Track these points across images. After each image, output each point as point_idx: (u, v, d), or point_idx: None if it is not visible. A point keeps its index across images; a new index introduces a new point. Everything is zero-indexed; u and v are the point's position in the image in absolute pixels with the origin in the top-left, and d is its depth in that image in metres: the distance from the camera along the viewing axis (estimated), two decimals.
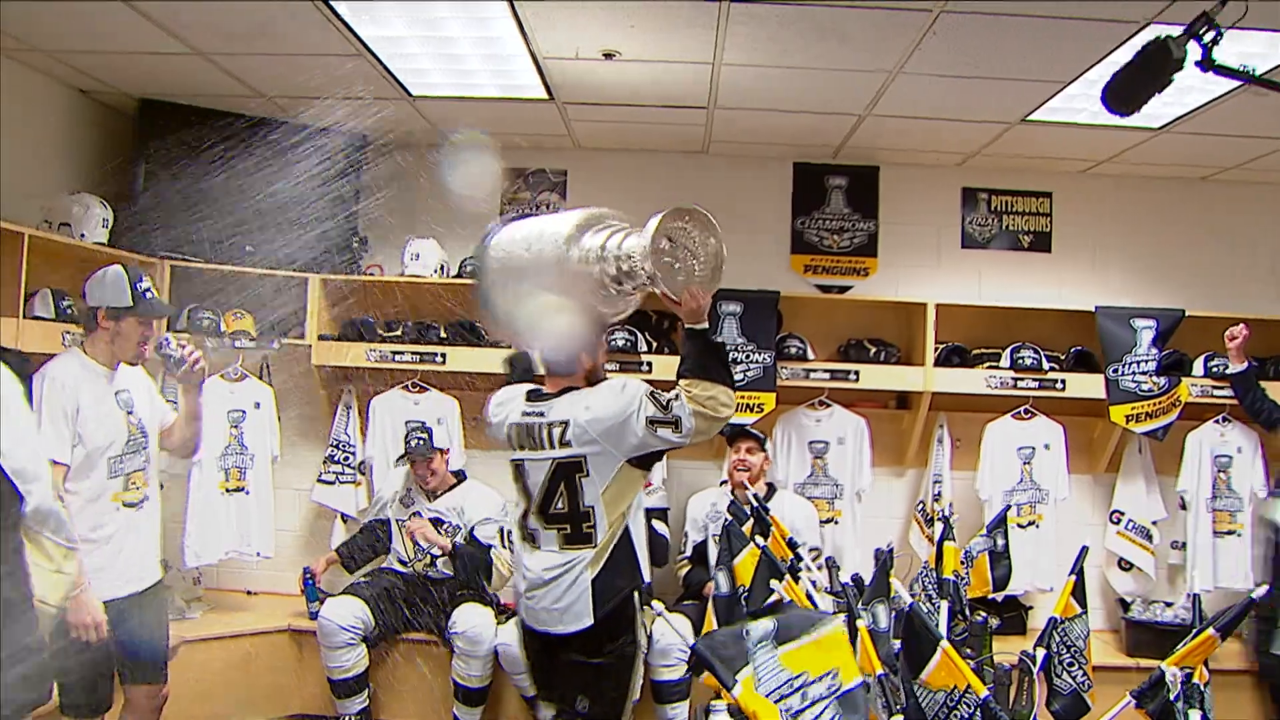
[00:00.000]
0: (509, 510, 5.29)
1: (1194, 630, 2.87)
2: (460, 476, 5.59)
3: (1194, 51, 2.04)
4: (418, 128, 5.86)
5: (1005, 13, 4.01)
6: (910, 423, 6.02)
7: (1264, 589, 2.89)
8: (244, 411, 5.65)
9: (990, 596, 4.63)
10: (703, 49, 4.54)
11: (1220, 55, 3.26)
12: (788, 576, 3.31)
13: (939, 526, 5.43)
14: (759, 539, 3.58)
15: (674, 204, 3.40)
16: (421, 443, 5.38)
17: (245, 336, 5.61)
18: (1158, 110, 5.09)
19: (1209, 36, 1.94)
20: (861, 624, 2.95)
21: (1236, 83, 4.52)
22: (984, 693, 2.64)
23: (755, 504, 4.30)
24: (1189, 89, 4.77)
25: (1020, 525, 5.78)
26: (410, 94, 5.28)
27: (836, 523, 5.85)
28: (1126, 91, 2.12)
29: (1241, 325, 5.50)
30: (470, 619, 5.20)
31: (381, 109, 5.44)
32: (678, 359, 3.34)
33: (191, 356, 3.87)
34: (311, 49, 4.69)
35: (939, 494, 5.91)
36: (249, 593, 6.06)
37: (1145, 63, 2.01)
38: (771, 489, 5.44)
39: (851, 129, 5.63)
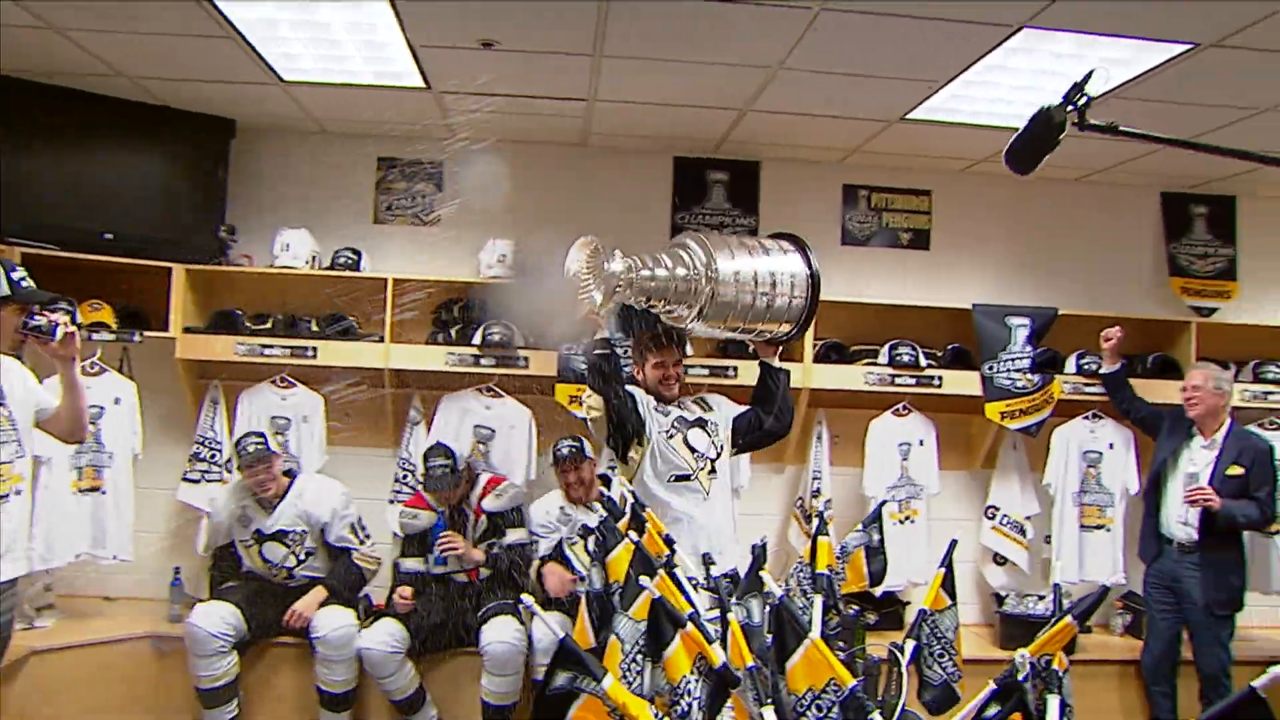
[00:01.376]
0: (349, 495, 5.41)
1: (1053, 619, 3.01)
2: (290, 474, 5.44)
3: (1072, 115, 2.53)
4: (289, 114, 5.78)
5: (884, 12, 4.13)
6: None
7: (1120, 578, 3.03)
8: (102, 408, 5.49)
9: (867, 591, 4.77)
10: (583, 41, 4.58)
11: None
12: (661, 572, 3.36)
13: (815, 522, 5.62)
14: (633, 535, 3.63)
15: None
16: (258, 448, 5.21)
17: (104, 328, 5.46)
18: (1033, 112, 5.28)
19: (1082, 102, 2.36)
20: (732, 618, 3.04)
21: (1111, 87, 4.77)
22: (852, 683, 2.73)
23: (605, 510, 4.43)
24: (1063, 92, 4.96)
25: (897, 521, 5.96)
26: (282, 79, 5.21)
27: None
28: (1024, 155, 2.57)
29: (1118, 327, 5.76)
30: (331, 622, 5.14)
31: (251, 93, 5.38)
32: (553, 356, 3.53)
33: (62, 322, 3.78)
34: (177, 28, 4.60)
35: (818, 490, 6.04)
36: (107, 599, 5.90)
37: (1035, 130, 2.43)
38: (606, 480, 5.60)
39: (733, 124, 5.73)
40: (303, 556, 5.32)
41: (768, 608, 3.34)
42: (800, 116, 5.54)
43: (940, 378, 6.01)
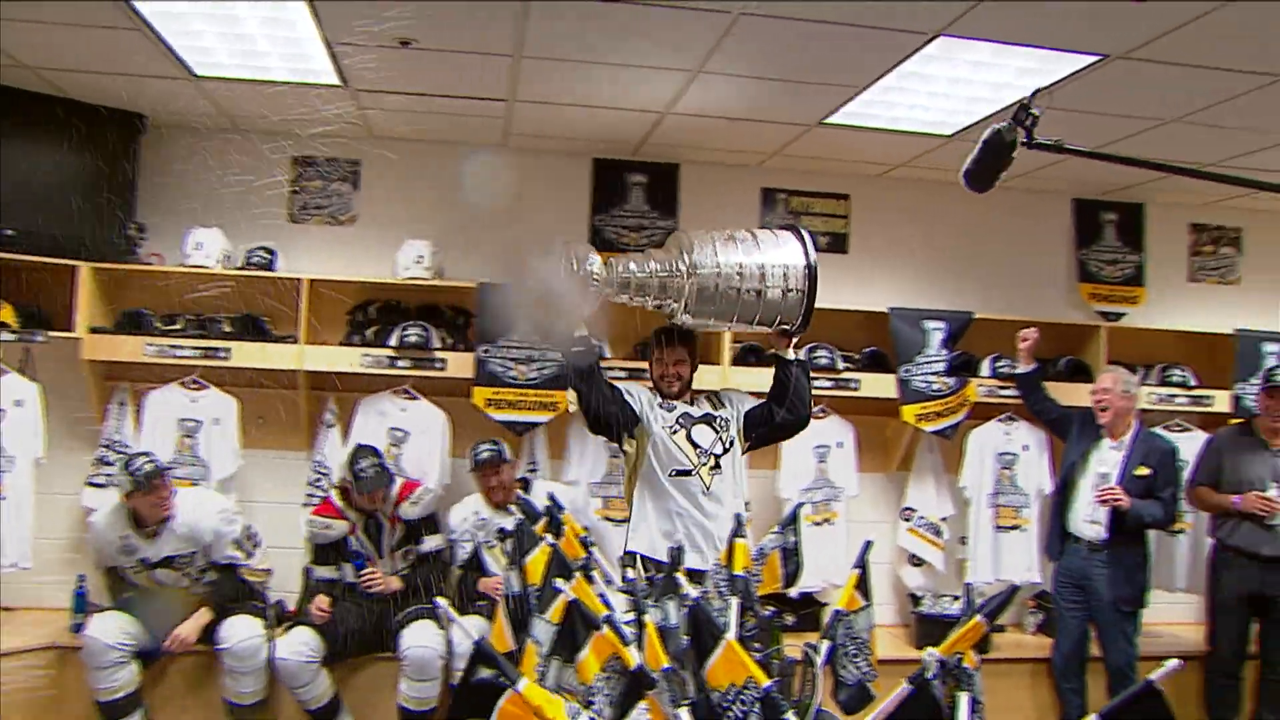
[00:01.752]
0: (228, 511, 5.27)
1: (963, 617, 3.08)
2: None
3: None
4: (201, 109, 5.68)
5: (802, 17, 4.19)
6: None
7: (1034, 578, 3.11)
8: (3, 410, 5.35)
9: (784, 593, 4.83)
10: (503, 41, 4.58)
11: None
12: (578, 575, 3.38)
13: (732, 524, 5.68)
14: (550, 538, 3.64)
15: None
16: (152, 467, 4.94)
17: (5, 329, 5.33)
18: (949, 119, 5.41)
19: (1029, 122, 2.59)
20: (648, 619, 3.06)
21: (1022, 95, 4.88)
22: (767, 683, 2.76)
23: (521, 514, 4.45)
24: (978, 99, 5.09)
25: (814, 523, 6.03)
26: (194, 74, 5.13)
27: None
28: (980, 175, 2.68)
29: (1034, 328, 5.90)
30: (238, 632, 5.03)
31: (162, 88, 5.28)
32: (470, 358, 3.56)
33: None
34: (83, 19, 4.50)
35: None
36: (6, 609, 5.73)
37: (988, 150, 2.54)
38: (527, 485, 5.62)
39: (652, 127, 5.77)
40: (196, 575, 5.18)
41: (684, 610, 3.38)
42: (719, 120, 5.59)
43: (858, 381, 6.11)
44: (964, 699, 2.75)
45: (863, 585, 3.66)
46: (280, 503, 5.82)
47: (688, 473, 4.47)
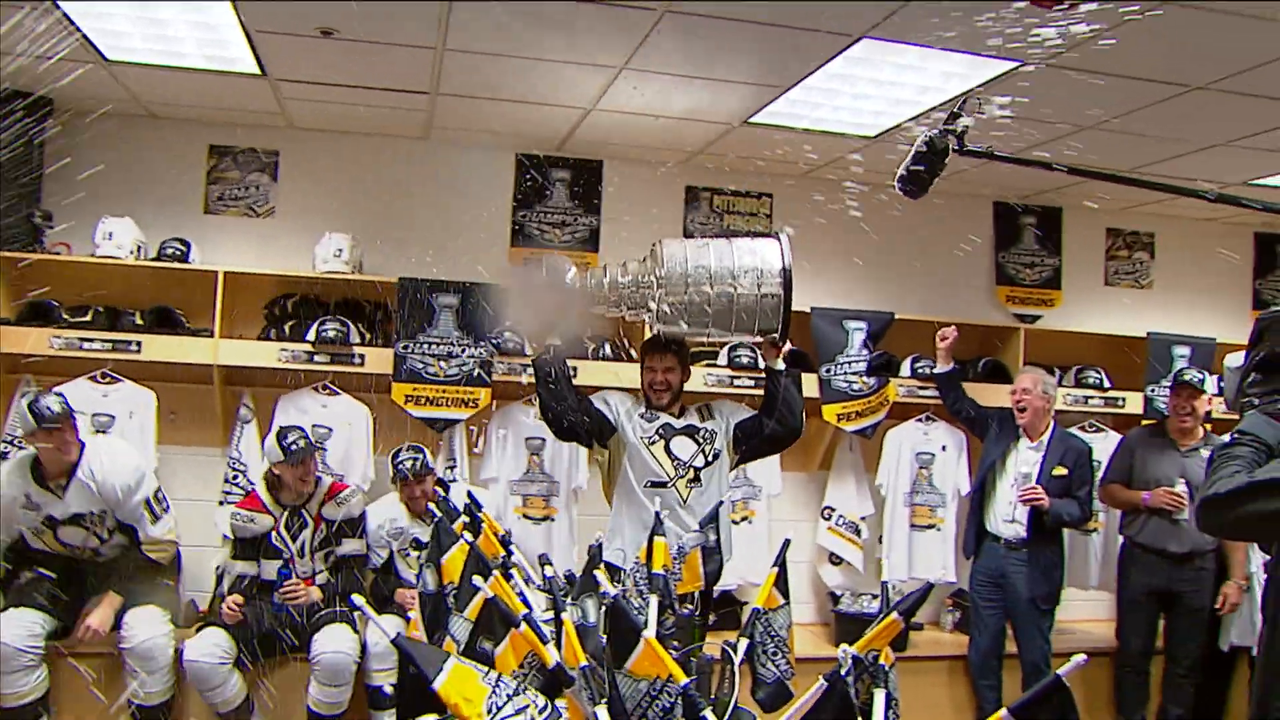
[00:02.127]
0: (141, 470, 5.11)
1: (879, 615, 3.14)
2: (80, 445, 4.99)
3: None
4: (114, 95, 5.58)
5: (727, 16, 4.22)
6: None
7: (950, 576, 3.19)
8: None
9: (705, 591, 4.86)
10: (426, 33, 4.56)
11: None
12: (495, 573, 3.38)
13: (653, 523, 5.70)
14: (468, 536, 3.64)
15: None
16: (50, 412, 4.71)
17: None
18: (873, 120, 5.49)
19: (959, 129, 2.76)
20: (566, 618, 3.07)
21: (944, 100, 4.98)
22: (684, 681, 2.79)
23: (439, 512, 4.42)
24: (902, 102, 5.17)
25: (734, 521, 6.08)
26: (106, 58, 5.03)
27: (553, 520, 5.99)
28: (915, 181, 2.78)
29: (952, 327, 6.01)
30: (140, 631, 4.91)
31: (71, 71, 5.17)
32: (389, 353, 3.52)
33: None
34: None
35: None
36: None
37: (922, 157, 2.64)
38: (446, 485, 5.57)
39: (576, 122, 5.78)
40: (105, 536, 5.02)
41: (603, 608, 3.40)
42: (643, 117, 5.61)
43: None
44: (879, 696, 2.79)
45: (781, 583, 3.71)
46: (194, 500, 5.73)
47: (663, 485, 4.44)
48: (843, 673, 2.41)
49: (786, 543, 3.77)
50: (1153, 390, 6.67)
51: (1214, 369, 6.67)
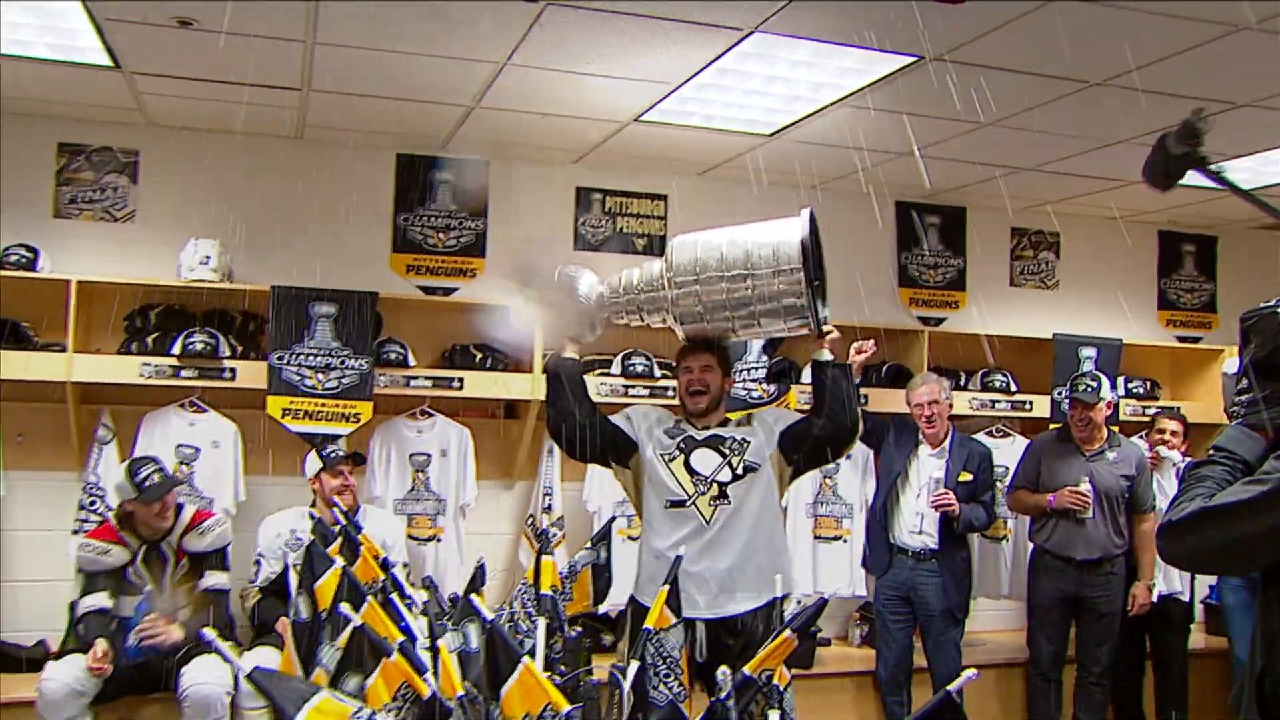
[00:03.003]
0: None
1: (774, 633, 3.14)
2: None
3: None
4: None
5: (613, 10, 4.19)
6: (519, 432, 6.18)
7: (779, 577, 3.20)
8: None
9: (602, 612, 4.83)
10: (293, 25, 4.46)
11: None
12: (370, 599, 3.33)
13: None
14: (340, 559, 3.58)
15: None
16: None
17: None
18: (768, 118, 5.51)
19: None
20: (442, 645, 3.03)
21: (840, 95, 5.01)
22: (566, 709, 2.77)
23: (344, 523, 4.31)
24: (797, 98, 5.20)
25: (631, 537, 6.06)
26: None
27: (440, 540, 5.92)
28: (1155, 174, 2.60)
29: (872, 340, 6.04)
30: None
31: None
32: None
33: None
34: None
35: (549, 506, 6.09)
36: None
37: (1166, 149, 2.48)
38: (358, 506, 5.44)
39: (459, 120, 5.71)
40: None
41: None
42: (529, 114, 5.57)
43: (673, 388, 6.14)
44: (774, 717, 2.80)
45: (673, 602, 3.70)
46: (45, 530, 5.54)
47: (682, 504, 4.15)
48: (722, 696, 2.39)
49: (678, 560, 3.76)
50: (1059, 393, 6.80)
51: (1120, 370, 6.84)
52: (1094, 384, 5.93)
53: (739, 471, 4.18)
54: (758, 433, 4.29)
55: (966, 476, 5.75)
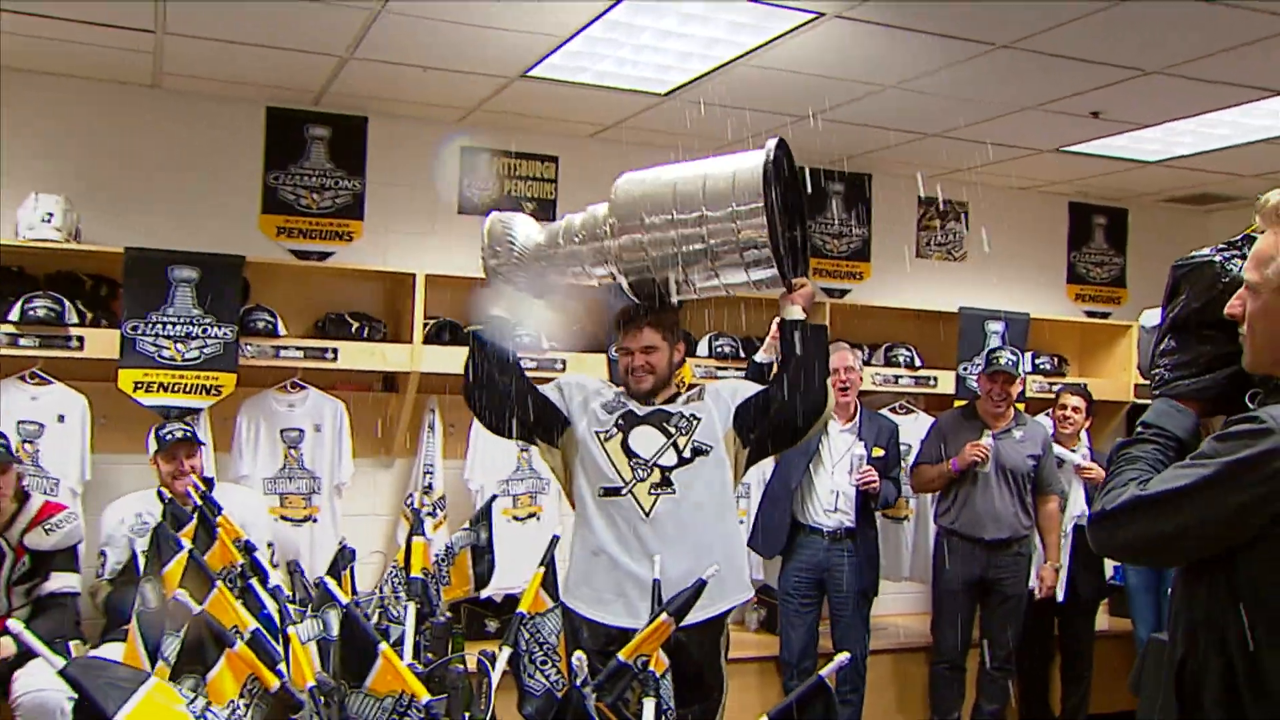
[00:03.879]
0: None
1: (650, 616, 3.09)
2: None
3: None
4: None
5: None
6: (397, 406, 6.07)
7: (714, 569, 3.14)
8: None
9: (487, 597, 4.76)
10: None
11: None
12: (219, 584, 3.22)
13: (427, 521, 5.57)
14: (188, 544, 3.47)
15: None
16: None
17: None
18: (662, 76, 5.46)
19: None
20: (293, 632, 2.94)
21: (737, 54, 4.96)
22: (426, 698, 2.70)
23: (201, 504, 4.18)
24: (690, 55, 5.14)
25: (517, 518, 6.01)
26: None
27: (315, 520, 5.81)
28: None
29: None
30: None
31: None
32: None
33: None
34: None
35: (430, 485, 6.01)
36: None
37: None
38: (210, 483, 5.29)
39: (334, 72, 5.56)
40: None
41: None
42: (410, 67, 5.44)
43: (564, 361, 6.09)
44: (650, 705, 2.75)
45: (549, 585, 3.64)
46: None
47: (616, 491, 3.74)
48: (577, 683, 2.34)
49: (554, 540, 3.71)
50: (965, 369, 6.87)
51: (1027, 345, 6.92)
52: (1013, 356, 5.99)
53: (685, 454, 3.75)
54: (710, 409, 3.85)
55: (879, 452, 5.79)
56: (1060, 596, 6.15)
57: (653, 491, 3.71)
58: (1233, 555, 1.95)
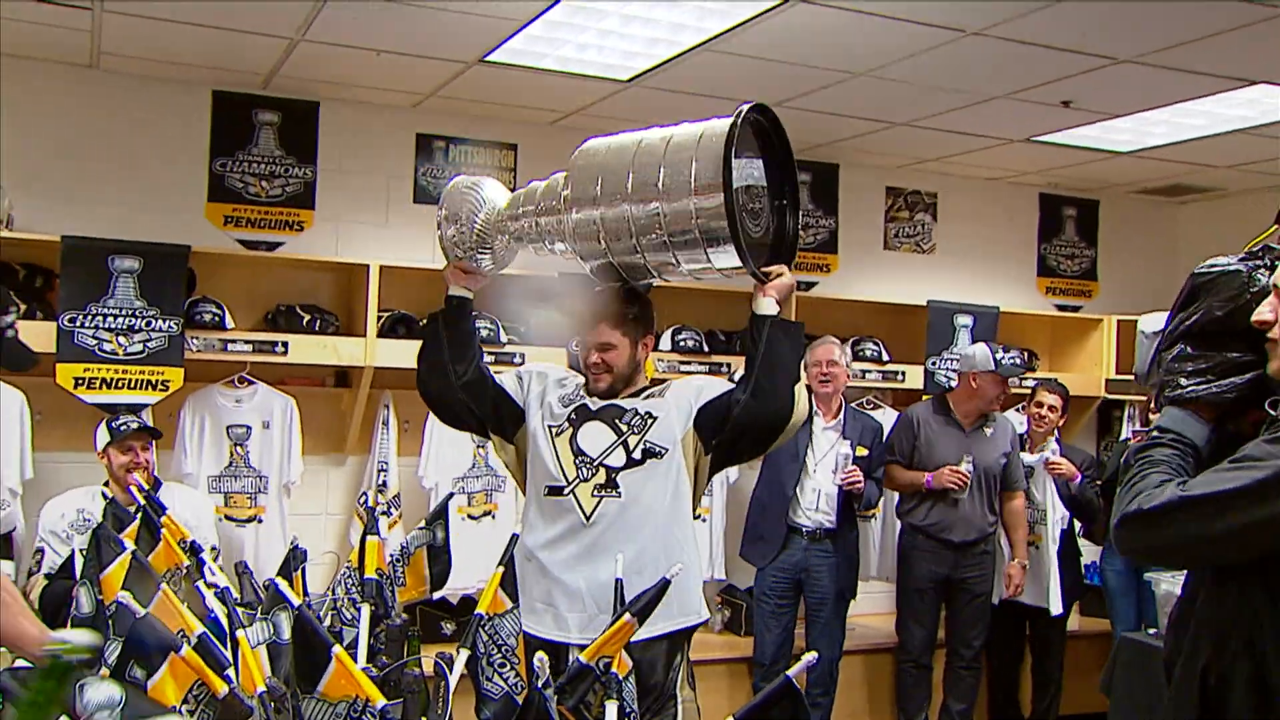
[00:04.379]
0: None
1: (614, 617, 3.07)
2: None
3: None
4: None
5: None
6: (350, 402, 6.02)
7: (678, 568, 3.09)
8: None
9: (442, 598, 4.73)
10: None
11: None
12: (164, 587, 3.18)
13: (382, 520, 5.52)
14: (130, 544, 3.42)
15: None
16: None
17: None
18: (626, 62, 5.43)
19: None
20: (242, 636, 2.91)
21: (702, 39, 4.94)
22: (381, 702, 2.67)
23: (143, 503, 4.12)
24: (657, 41, 5.12)
25: (473, 516, 5.98)
26: None
27: (260, 521, 5.76)
28: None
29: None
30: None
31: None
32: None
33: None
34: None
35: (385, 484, 5.98)
36: None
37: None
38: (157, 483, 5.22)
39: (283, 55, 5.50)
40: None
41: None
42: (362, 50, 5.39)
43: (523, 354, 6.06)
44: (612, 708, 2.74)
45: (508, 585, 3.61)
46: None
47: (559, 491, 3.55)
48: (539, 684, 2.32)
49: (514, 538, 3.67)
50: (934, 363, 6.88)
51: (996, 339, 6.94)
52: (1017, 358, 6.00)
53: (635, 455, 3.53)
54: (669, 407, 3.59)
55: (863, 451, 5.80)
56: (1056, 609, 6.15)
57: (596, 493, 3.52)
58: (1265, 558, 1.99)
